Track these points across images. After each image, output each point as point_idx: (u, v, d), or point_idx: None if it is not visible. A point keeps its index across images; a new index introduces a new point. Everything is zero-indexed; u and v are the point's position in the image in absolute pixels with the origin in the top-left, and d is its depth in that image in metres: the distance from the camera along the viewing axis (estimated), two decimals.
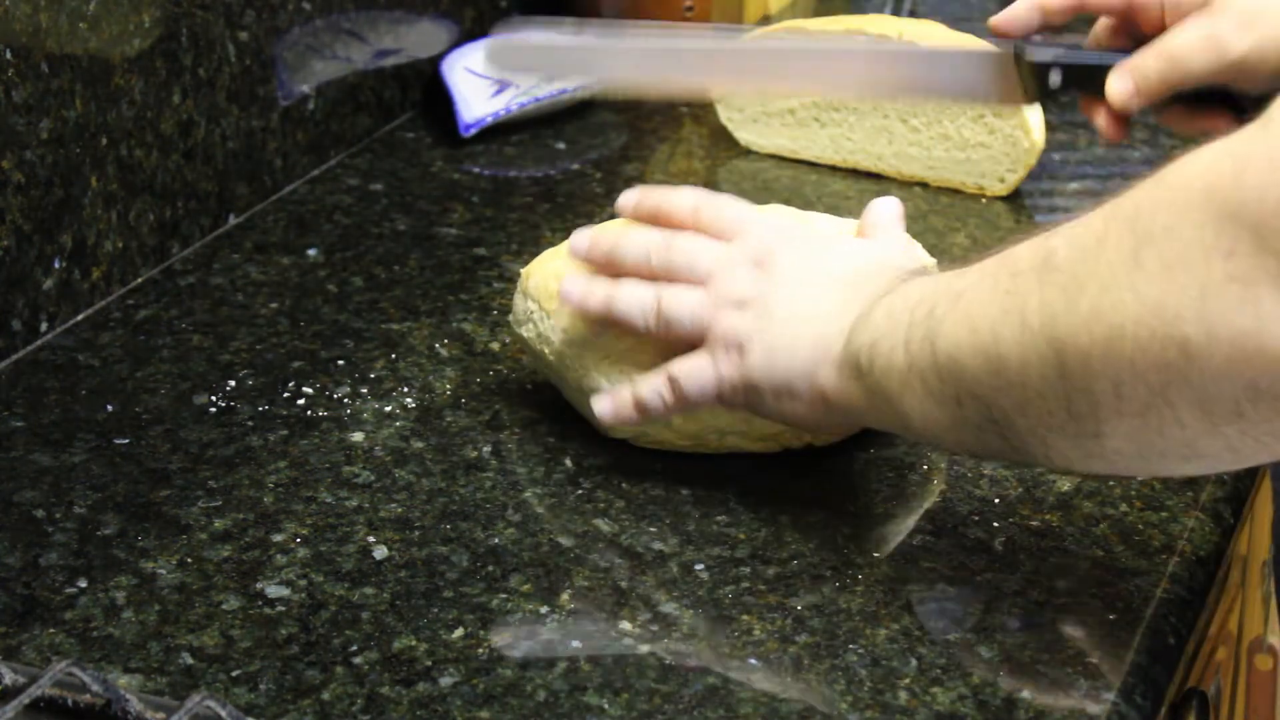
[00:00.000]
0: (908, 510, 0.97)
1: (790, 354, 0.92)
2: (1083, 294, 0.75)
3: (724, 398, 0.95)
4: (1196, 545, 0.94)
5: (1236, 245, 0.69)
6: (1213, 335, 0.70)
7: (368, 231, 1.29)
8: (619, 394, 0.97)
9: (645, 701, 0.83)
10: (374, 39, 1.43)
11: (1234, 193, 0.69)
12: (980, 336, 0.80)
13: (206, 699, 0.73)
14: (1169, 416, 0.74)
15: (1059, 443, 0.79)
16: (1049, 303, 0.76)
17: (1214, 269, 0.70)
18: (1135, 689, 0.84)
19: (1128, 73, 1.00)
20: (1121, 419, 0.75)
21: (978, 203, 1.32)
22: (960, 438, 0.85)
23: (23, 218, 1.10)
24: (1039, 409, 0.79)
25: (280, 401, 1.07)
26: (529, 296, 1.04)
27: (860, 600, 0.89)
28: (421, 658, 0.86)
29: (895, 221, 1.01)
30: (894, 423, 0.89)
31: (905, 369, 0.85)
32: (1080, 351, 0.75)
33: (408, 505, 0.97)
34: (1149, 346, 0.72)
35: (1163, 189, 0.73)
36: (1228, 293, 0.69)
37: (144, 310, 1.18)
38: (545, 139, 1.44)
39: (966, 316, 0.81)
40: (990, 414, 0.81)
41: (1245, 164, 0.69)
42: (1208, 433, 0.74)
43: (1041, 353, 0.77)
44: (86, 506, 0.97)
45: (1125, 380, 0.74)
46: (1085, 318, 0.74)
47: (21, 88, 1.08)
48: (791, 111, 1.38)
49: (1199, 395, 0.72)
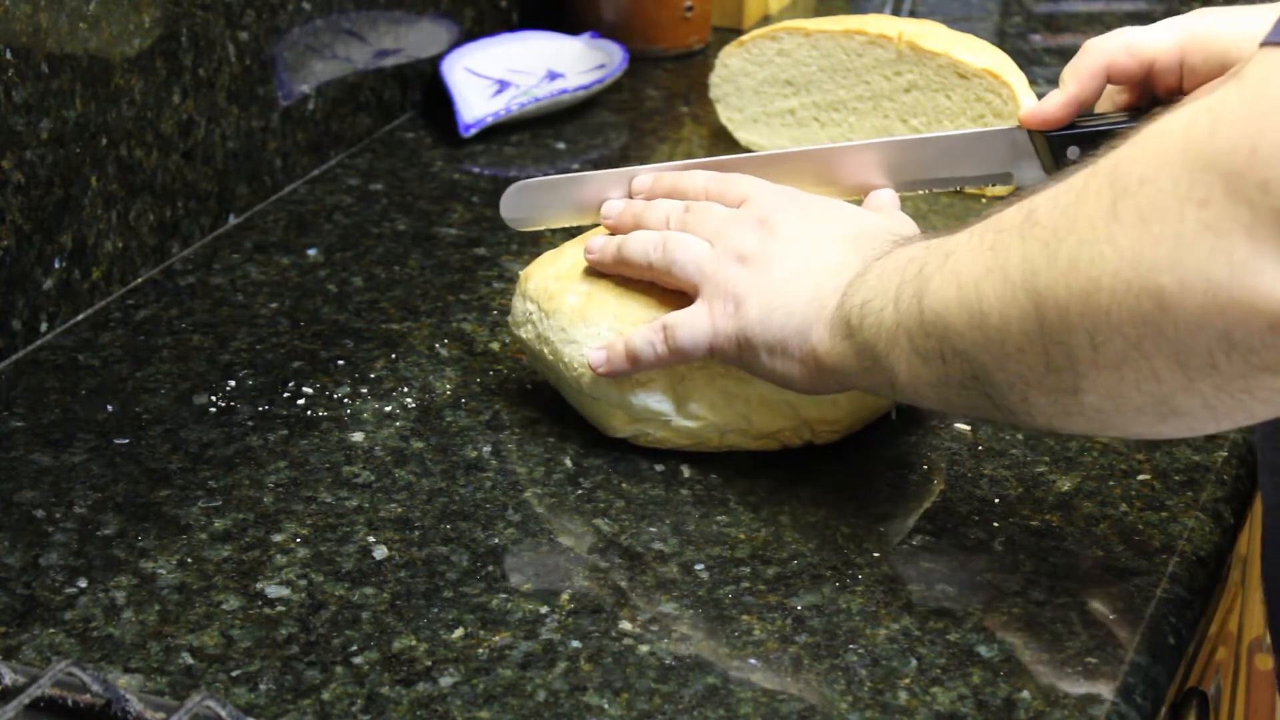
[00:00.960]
0: (908, 510, 0.97)
1: (786, 312, 0.93)
2: (1062, 247, 0.76)
3: (717, 350, 0.96)
4: (1196, 545, 0.94)
5: (1210, 194, 0.70)
6: (1186, 285, 0.71)
7: (368, 231, 1.29)
8: (613, 344, 0.99)
9: (645, 701, 0.83)
10: (374, 39, 1.43)
11: (1208, 144, 0.70)
12: (965, 292, 0.81)
13: (206, 699, 0.73)
14: (1145, 370, 0.74)
15: (1038, 398, 0.80)
16: (1030, 257, 0.77)
17: (1188, 218, 0.70)
18: (1135, 689, 0.84)
19: None
20: (1099, 373, 0.76)
21: (978, 203, 1.32)
22: (944, 395, 0.86)
23: (23, 218, 1.10)
24: (1019, 364, 0.79)
25: (280, 401, 1.07)
26: (528, 298, 1.04)
27: (860, 600, 0.89)
28: (421, 658, 0.86)
29: (894, 205, 1.04)
30: (881, 382, 0.89)
31: (894, 326, 0.86)
32: (1059, 304, 0.76)
33: (408, 505, 0.97)
34: (1124, 298, 0.73)
35: (1140, 144, 0.74)
36: (1201, 242, 0.70)
37: (144, 310, 1.18)
38: (545, 139, 1.44)
39: (953, 273, 0.83)
40: (973, 370, 0.82)
41: (1219, 117, 0.70)
42: (1184, 388, 0.74)
43: (1022, 306, 0.78)
44: (86, 506, 0.97)
45: (1102, 332, 0.74)
46: (1064, 270, 0.75)
47: (21, 88, 1.08)
48: (791, 112, 1.38)
49: (1174, 347, 0.72)
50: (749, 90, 1.40)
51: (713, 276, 0.96)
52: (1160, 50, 1.00)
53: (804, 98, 1.38)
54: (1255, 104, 0.69)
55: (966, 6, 1.76)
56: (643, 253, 1.00)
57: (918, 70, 1.31)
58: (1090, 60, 1.01)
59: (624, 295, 1.01)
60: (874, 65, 1.34)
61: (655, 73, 1.58)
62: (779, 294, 0.94)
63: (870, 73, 1.34)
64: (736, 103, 1.41)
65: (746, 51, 1.39)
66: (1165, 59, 1.00)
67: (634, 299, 1.00)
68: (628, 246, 1.00)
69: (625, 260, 1.00)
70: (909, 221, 1.02)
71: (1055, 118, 1.02)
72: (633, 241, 1.00)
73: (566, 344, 1.00)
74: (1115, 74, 1.01)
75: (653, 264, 0.99)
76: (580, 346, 1.00)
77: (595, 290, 1.02)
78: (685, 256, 0.98)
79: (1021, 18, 1.72)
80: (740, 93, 1.40)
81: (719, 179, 1.03)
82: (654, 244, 0.99)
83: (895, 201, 1.04)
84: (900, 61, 1.32)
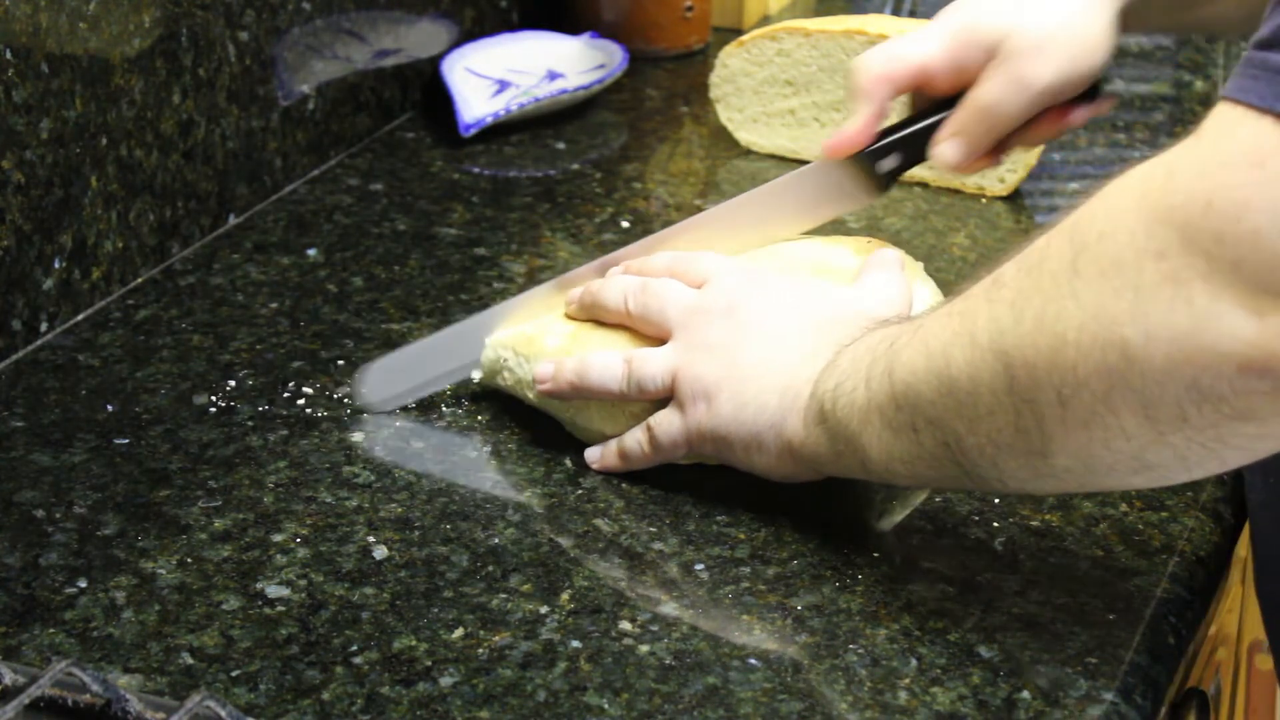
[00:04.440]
0: (908, 510, 0.97)
1: (759, 406, 0.93)
2: (1027, 306, 0.76)
3: (694, 446, 0.96)
4: (1196, 545, 0.94)
5: (1167, 247, 0.71)
6: (1151, 336, 0.71)
7: (368, 231, 1.29)
8: (607, 445, 0.99)
9: (645, 701, 0.83)
10: (374, 39, 1.43)
11: (1163, 197, 0.71)
12: (934, 360, 0.82)
13: (206, 699, 0.73)
14: (1114, 427, 0.74)
15: (1008, 463, 0.80)
16: (996, 318, 0.78)
17: (1146, 271, 0.71)
18: (1135, 689, 0.84)
19: (956, 138, 1.01)
20: (1068, 432, 0.76)
21: (978, 203, 1.32)
22: (916, 470, 0.86)
23: (23, 218, 1.10)
24: (988, 426, 0.80)
25: (280, 401, 1.07)
26: (499, 345, 1.04)
27: (860, 600, 0.89)
28: (421, 658, 0.86)
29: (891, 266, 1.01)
30: (854, 464, 0.89)
31: (865, 405, 0.86)
32: (1026, 362, 0.76)
33: (408, 505, 0.97)
34: (1090, 352, 0.73)
35: (1099, 201, 0.75)
36: (1161, 293, 0.71)
37: (144, 310, 1.18)
38: (545, 139, 1.44)
39: (922, 343, 0.83)
40: (944, 437, 0.83)
41: (1175, 172, 0.72)
42: (1154, 442, 0.74)
43: (991, 367, 0.78)
44: (86, 506, 0.97)
45: (1069, 388, 0.75)
46: (1030, 329, 0.76)
47: (21, 88, 1.08)
48: (791, 112, 1.38)
49: (1142, 399, 0.73)
50: (749, 90, 1.40)
51: (681, 377, 0.96)
52: (929, 56, 1.02)
53: (804, 98, 1.38)
54: (1210, 158, 0.71)
55: None
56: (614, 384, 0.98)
57: None
58: (871, 78, 1.02)
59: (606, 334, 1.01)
60: None
61: (655, 73, 1.58)
62: (750, 387, 0.94)
63: None
64: (736, 103, 1.41)
65: (746, 51, 1.39)
66: (937, 63, 1.01)
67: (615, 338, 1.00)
68: (591, 379, 0.98)
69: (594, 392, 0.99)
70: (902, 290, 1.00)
71: (861, 142, 1.03)
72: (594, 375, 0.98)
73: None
74: (893, 85, 1.02)
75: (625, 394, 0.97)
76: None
77: (576, 331, 1.02)
78: (652, 374, 0.96)
79: None
80: (740, 93, 1.40)
81: (683, 257, 1.02)
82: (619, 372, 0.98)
83: (899, 259, 1.02)
84: None
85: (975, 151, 1.02)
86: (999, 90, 0.99)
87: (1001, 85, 0.99)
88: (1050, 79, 0.99)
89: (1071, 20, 0.99)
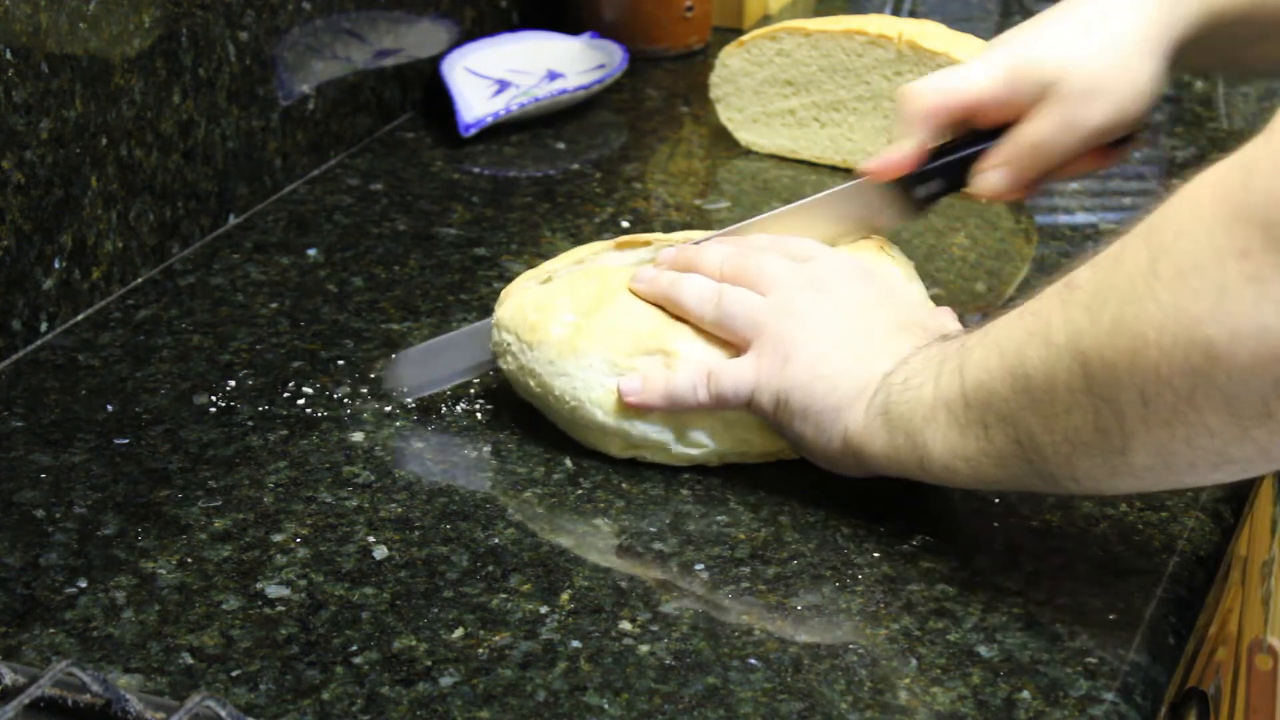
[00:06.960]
0: (908, 510, 0.97)
1: (831, 385, 0.93)
2: (1105, 308, 0.77)
3: (755, 403, 0.96)
4: (1196, 545, 0.94)
5: (1249, 244, 0.71)
6: (1235, 334, 0.72)
7: (368, 231, 1.29)
8: (650, 379, 0.98)
9: (645, 701, 0.83)
10: (374, 39, 1.43)
11: (1243, 196, 0.72)
12: (1007, 359, 0.82)
13: (206, 699, 0.73)
14: (1197, 424, 0.75)
15: (1084, 461, 0.81)
16: (1072, 319, 0.79)
17: (1229, 270, 0.72)
18: (1135, 689, 0.84)
19: (1001, 169, 1.03)
20: (1149, 431, 0.77)
21: (978, 203, 1.32)
22: (980, 468, 0.86)
23: (23, 218, 1.10)
24: (1065, 424, 0.80)
25: (280, 401, 1.07)
26: (503, 328, 1.03)
27: (860, 600, 0.89)
28: (421, 658, 0.86)
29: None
30: (910, 460, 0.89)
31: (932, 401, 0.87)
32: (1106, 363, 0.77)
33: (408, 505, 0.97)
34: (1173, 352, 0.74)
35: (1174, 204, 0.76)
36: (1245, 291, 0.71)
37: (144, 310, 1.18)
38: (545, 139, 1.44)
39: (994, 344, 0.84)
40: (1017, 436, 0.83)
41: (1252, 169, 0.72)
42: (1237, 438, 0.75)
43: (1068, 367, 0.79)
44: (86, 506, 0.97)
45: (1151, 388, 0.75)
46: (1108, 330, 0.76)
47: (21, 88, 1.08)
48: (791, 112, 1.38)
49: (1226, 397, 0.73)
50: (749, 90, 1.40)
51: (766, 329, 0.96)
52: (982, 92, 1.02)
53: (804, 98, 1.38)
54: None
55: (966, 6, 1.76)
56: (697, 301, 0.98)
57: (918, 70, 1.31)
58: (923, 109, 1.03)
59: (612, 326, 1.00)
60: (874, 65, 1.34)
61: (655, 73, 1.58)
62: (829, 364, 0.94)
63: (870, 73, 1.34)
64: (736, 103, 1.41)
65: (746, 51, 1.39)
66: (989, 99, 1.02)
67: (622, 330, 1.00)
68: (682, 291, 0.99)
69: (677, 303, 0.99)
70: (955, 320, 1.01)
71: (905, 168, 1.04)
72: (688, 287, 0.99)
73: (556, 376, 1.00)
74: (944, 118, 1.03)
75: (705, 316, 0.98)
76: (573, 380, 0.99)
77: (580, 322, 1.01)
78: (740, 310, 0.97)
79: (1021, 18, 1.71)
80: (740, 93, 1.40)
81: (787, 239, 1.03)
82: (709, 296, 0.98)
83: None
84: (900, 61, 1.32)
85: (1019, 184, 1.03)
86: (1049, 130, 1.01)
87: (1053, 126, 1.01)
88: (1100, 123, 1.00)
89: (1125, 63, 1.00)
